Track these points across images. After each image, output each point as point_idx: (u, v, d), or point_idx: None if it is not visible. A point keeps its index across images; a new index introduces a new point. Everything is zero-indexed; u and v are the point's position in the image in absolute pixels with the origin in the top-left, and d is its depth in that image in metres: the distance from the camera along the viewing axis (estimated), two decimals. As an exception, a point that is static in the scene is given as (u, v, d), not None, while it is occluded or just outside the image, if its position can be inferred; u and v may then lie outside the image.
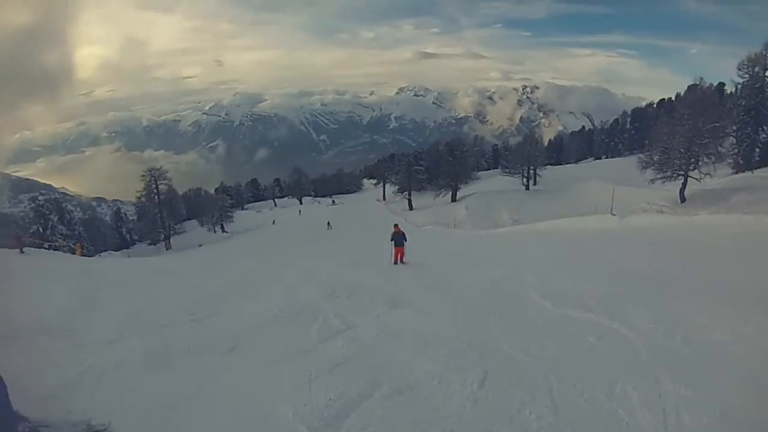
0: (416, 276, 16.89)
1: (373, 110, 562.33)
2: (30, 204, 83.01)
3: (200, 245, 64.50)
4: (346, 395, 6.52)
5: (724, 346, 7.12)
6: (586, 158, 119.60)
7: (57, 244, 55.26)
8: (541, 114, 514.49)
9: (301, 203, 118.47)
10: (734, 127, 50.92)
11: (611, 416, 5.35)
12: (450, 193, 74.38)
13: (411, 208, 76.57)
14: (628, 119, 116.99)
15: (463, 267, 18.55)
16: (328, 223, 63.56)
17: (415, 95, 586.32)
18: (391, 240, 21.29)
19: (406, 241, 21.12)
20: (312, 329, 10.05)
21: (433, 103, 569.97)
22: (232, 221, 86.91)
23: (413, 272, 17.99)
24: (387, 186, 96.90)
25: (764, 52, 51.11)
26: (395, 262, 20.67)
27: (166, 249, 70.15)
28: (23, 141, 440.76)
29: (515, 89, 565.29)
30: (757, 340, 7.27)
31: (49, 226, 66.96)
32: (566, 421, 5.37)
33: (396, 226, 22.28)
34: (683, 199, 40.98)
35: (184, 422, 6.31)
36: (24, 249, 31.15)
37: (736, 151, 51.99)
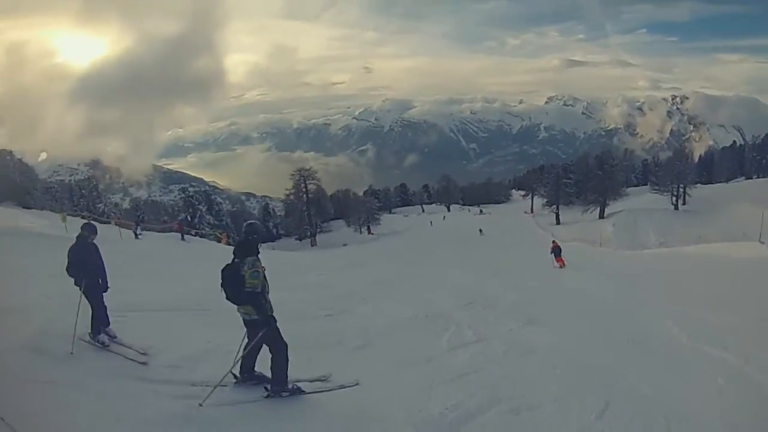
0: (555, 294, 16.66)
1: (522, 119, 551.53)
2: (180, 194, 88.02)
3: (345, 244, 65.98)
4: (463, 407, 6.52)
5: None
6: (736, 177, 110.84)
7: (204, 232, 58.26)
8: (691, 127, 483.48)
9: (448, 210, 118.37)
10: None
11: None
12: (598, 209, 71.98)
13: (558, 222, 74.69)
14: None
15: (604, 288, 17.88)
16: (480, 230, 64.49)
17: (564, 105, 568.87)
18: (551, 252, 28.23)
19: (561, 251, 27.95)
20: (443, 337, 10.18)
21: (583, 113, 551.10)
22: (379, 224, 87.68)
23: (553, 289, 17.77)
24: (535, 198, 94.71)
25: None
26: (560, 267, 26.69)
27: (311, 245, 72.43)
28: (176, 138, 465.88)
29: (664, 99, 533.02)
30: None
31: (197, 215, 71.37)
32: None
33: (554, 241, 30.10)
34: (840, 230, 37.77)
35: (303, 408, 6.54)
36: (185, 237, 34.03)
37: None
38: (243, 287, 6.33)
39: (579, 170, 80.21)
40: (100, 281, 8.39)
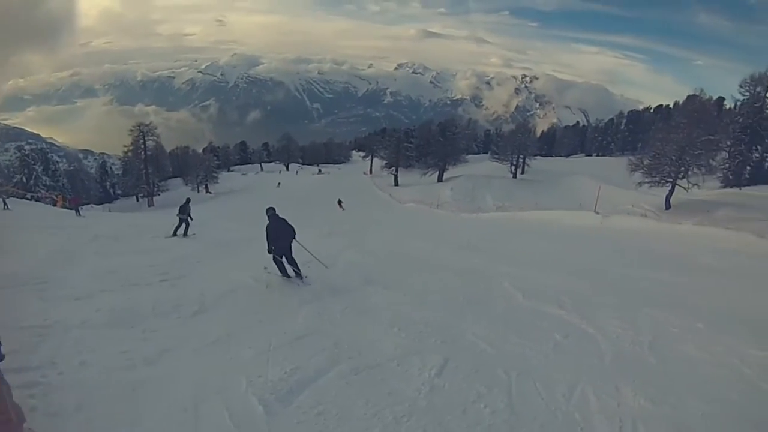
0: (393, 254, 16.81)
1: (370, 83, 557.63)
2: (16, 153, 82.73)
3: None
4: (303, 370, 6.43)
5: (692, 362, 6.92)
6: (576, 153, 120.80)
7: (39, 195, 55.06)
8: (537, 105, 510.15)
9: (287, 169, 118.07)
10: (728, 143, 52.44)
11: (567, 420, 5.25)
12: (437, 172, 75.28)
13: (396, 183, 77.16)
14: (624, 120, 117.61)
15: (441, 248, 18.30)
16: (279, 183, 73.14)
17: (413, 72, 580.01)
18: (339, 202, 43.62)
19: (342, 204, 43.52)
20: (278, 298, 10.11)
21: (431, 82, 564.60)
22: (217, 182, 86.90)
23: (391, 250, 17.91)
24: (375, 160, 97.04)
25: (768, 74, 52.11)
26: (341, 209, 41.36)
27: (149, 206, 70.03)
28: (15, 89, 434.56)
29: (514, 77, 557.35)
30: (727, 360, 6.98)
31: (33, 176, 67.01)
32: (521, 419, 5.27)
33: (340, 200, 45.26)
34: (668, 206, 41.80)
35: (139, 385, 6.16)
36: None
37: (727, 166, 53.49)
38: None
39: (421, 135, 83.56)
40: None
